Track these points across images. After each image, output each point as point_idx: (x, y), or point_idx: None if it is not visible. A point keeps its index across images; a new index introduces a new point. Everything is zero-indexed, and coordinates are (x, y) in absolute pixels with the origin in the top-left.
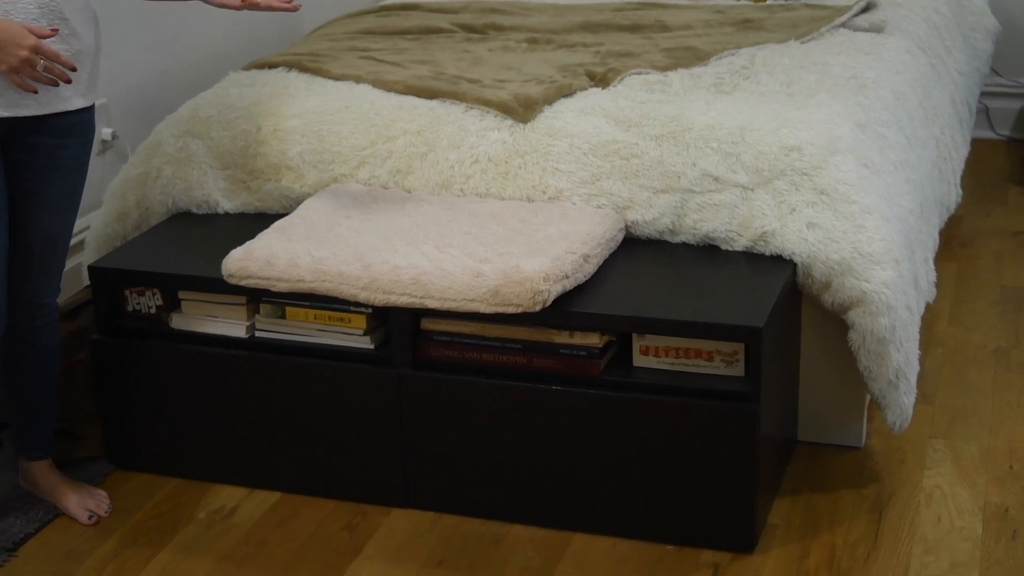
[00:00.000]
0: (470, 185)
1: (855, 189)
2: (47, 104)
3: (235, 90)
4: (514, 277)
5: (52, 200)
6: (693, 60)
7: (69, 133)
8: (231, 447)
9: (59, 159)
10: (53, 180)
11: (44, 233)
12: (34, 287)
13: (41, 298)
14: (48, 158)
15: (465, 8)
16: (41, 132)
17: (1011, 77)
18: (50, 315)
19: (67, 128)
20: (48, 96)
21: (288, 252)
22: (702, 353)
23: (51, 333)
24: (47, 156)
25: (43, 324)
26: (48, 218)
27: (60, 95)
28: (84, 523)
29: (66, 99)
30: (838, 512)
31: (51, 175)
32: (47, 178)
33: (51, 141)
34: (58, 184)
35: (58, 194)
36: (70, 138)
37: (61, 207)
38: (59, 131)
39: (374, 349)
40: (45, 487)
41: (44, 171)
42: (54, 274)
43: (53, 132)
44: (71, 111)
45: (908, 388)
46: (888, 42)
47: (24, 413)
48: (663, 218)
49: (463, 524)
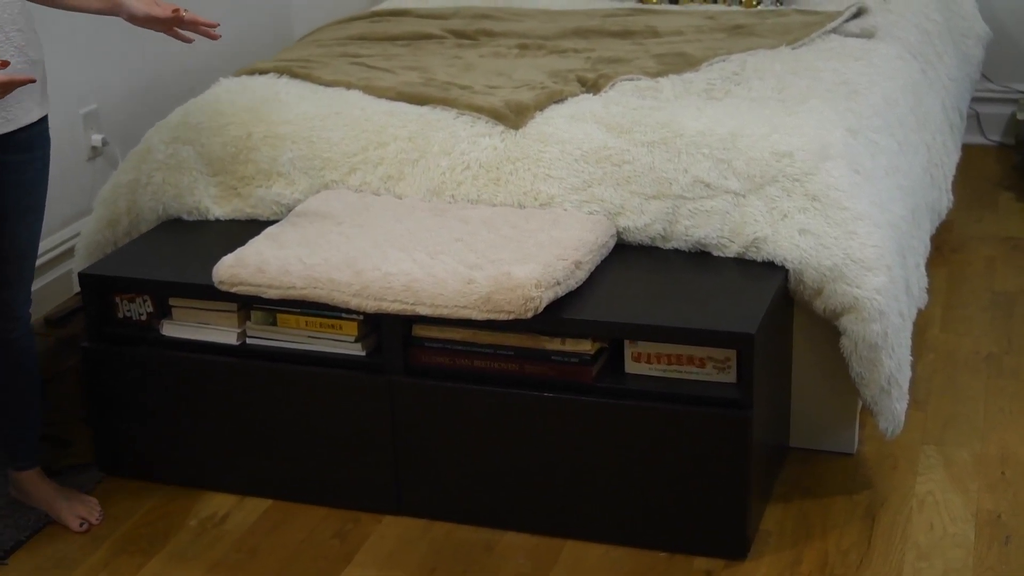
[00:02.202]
0: (461, 191)
1: (847, 195)
2: (13, 120)
3: (226, 96)
4: (505, 284)
5: (22, 214)
6: (684, 66)
7: (31, 146)
8: (222, 454)
9: (25, 173)
10: (21, 195)
11: (17, 246)
12: (7, 300)
13: (16, 311)
14: (14, 173)
15: (456, 14)
16: (7, 150)
17: (1001, 83)
18: (26, 326)
19: (29, 141)
20: (14, 111)
21: (279, 259)
22: (694, 360)
23: (28, 343)
24: (13, 171)
25: (20, 335)
26: (21, 231)
27: (24, 108)
28: (76, 530)
29: (28, 111)
30: (831, 518)
31: (19, 190)
32: (16, 193)
33: (16, 157)
34: (27, 197)
35: (27, 207)
36: (33, 151)
37: (30, 219)
38: (23, 146)
39: (365, 356)
40: (36, 496)
41: (12, 187)
42: (27, 285)
43: (18, 148)
44: (32, 123)
45: (900, 394)
46: (879, 48)
47: (8, 425)
48: (655, 224)
49: (455, 531)
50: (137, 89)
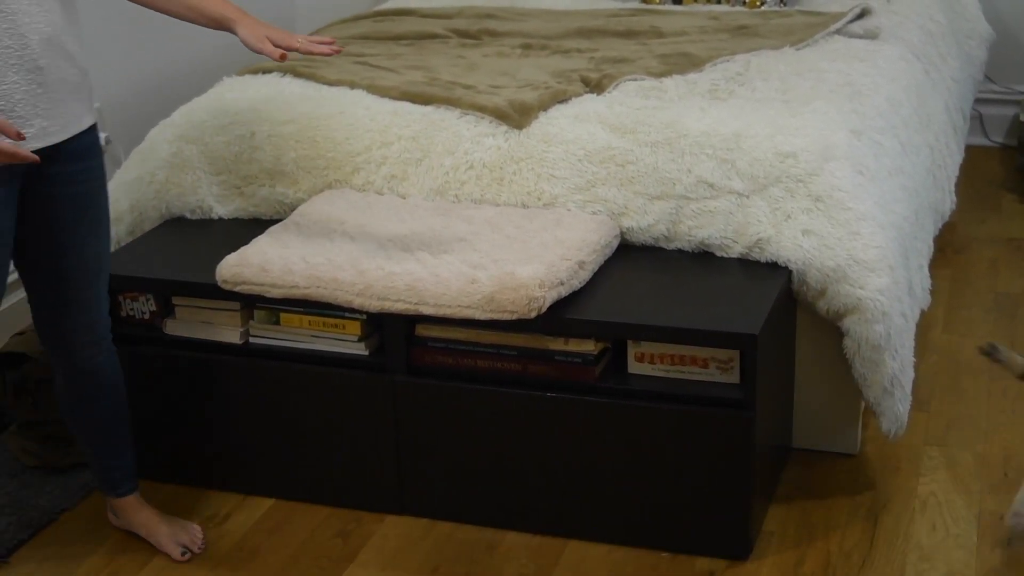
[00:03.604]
0: (465, 191)
1: (850, 196)
2: (65, 128)
3: (229, 95)
4: (509, 284)
5: (85, 225)
6: (688, 66)
7: (83, 156)
8: (224, 453)
9: (81, 184)
10: (81, 206)
11: (89, 261)
12: (88, 323)
13: (97, 333)
14: (70, 184)
15: (459, 14)
16: (57, 160)
17: (1005, 84)
18: (109, 347)
19: (83, 151)
20: (64, 119)
21: (282, 258)
22: (697, 360)
23: (113, 365)
24: (68, 183)
25: (105, 359)
26: (90, 244)
27: (74, 114)
28: (177, 559)
29: (79, 117)
30: (833, 519)
31: (76, 202)
32: (74, 205)
33: (69, 167)
34: (85, 209)
35: (89, 219)
36: (86, 160)
37: (96, 231)
38: (75, 155)
39: (368, 355)
40: (136, 522)
41: (69, 199)
42: (104, 303)
43: (70, 158)
44: (82, 132)
45: (903, 395)
46: (883, 49)
47: (102, 451)
48: (658, 225)
49: (457, 531)
50: (141, 88)
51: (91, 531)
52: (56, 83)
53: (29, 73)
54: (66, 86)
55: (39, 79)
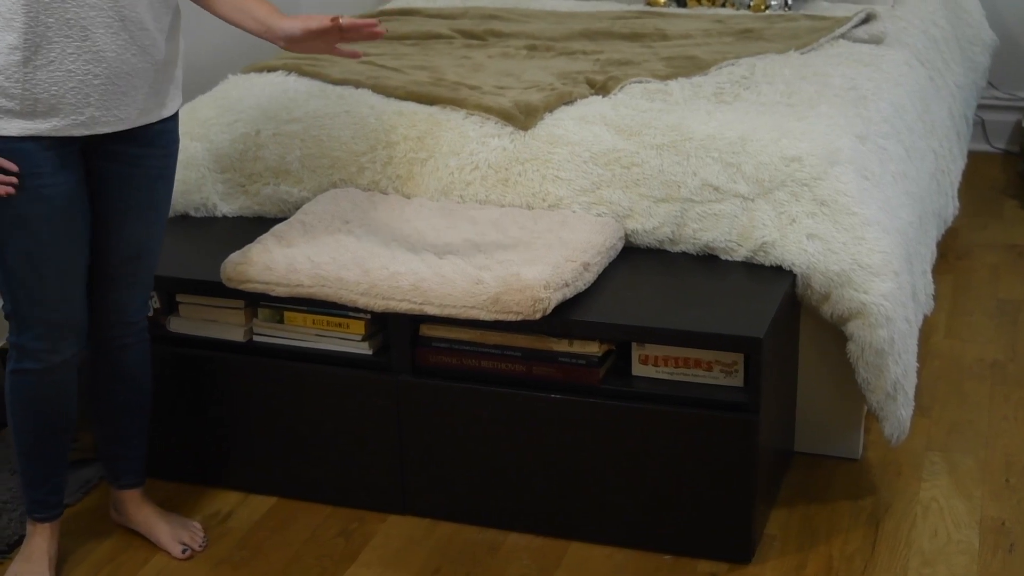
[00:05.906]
0: (470, 192)
1: (855, 200)
2: (146, 114)
3: (234, 93)
4: (514, 285)
5: (133, 209)
6: (693, 69)
7: (152, 143)
8: (227, 451)
9: (138, 167)
10: (132, 188)
11: (127, 243)
12: (119, 302)
13: (129, 315)
14: (128, 166)
15: (464, 14)
16: (122, 140)
17: (1007, 90)
18: (140, 334)
19: (151, 137)
20: (148, 106)
21: (287, 257)
22: (701, 363)
23: (141, 352)
24: (127, 164)
25: (133, 343)
26: (131, 227)
27: (172, 99)
28: (177, 557)
29: (174, 99)
30: (835, 523)
31: (131, 183)
32: (127, 185)
33: (133, 150)
34: (138, 192)
35: (139, 203)
36: (153, 147)
37: (145, 217)
38: (143, 140)
39: (372, 355)
40: (136, 518)
41: (124, 179)
42: (140, 288)
43: (137, 141)
44: (170, 117)
45: (906, 400)
46: (887, 54)
47: (114, 439)
48: (663, 227)
49: (460, 531)
50: None
51: (92, 528)
52: (121, 76)
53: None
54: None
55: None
